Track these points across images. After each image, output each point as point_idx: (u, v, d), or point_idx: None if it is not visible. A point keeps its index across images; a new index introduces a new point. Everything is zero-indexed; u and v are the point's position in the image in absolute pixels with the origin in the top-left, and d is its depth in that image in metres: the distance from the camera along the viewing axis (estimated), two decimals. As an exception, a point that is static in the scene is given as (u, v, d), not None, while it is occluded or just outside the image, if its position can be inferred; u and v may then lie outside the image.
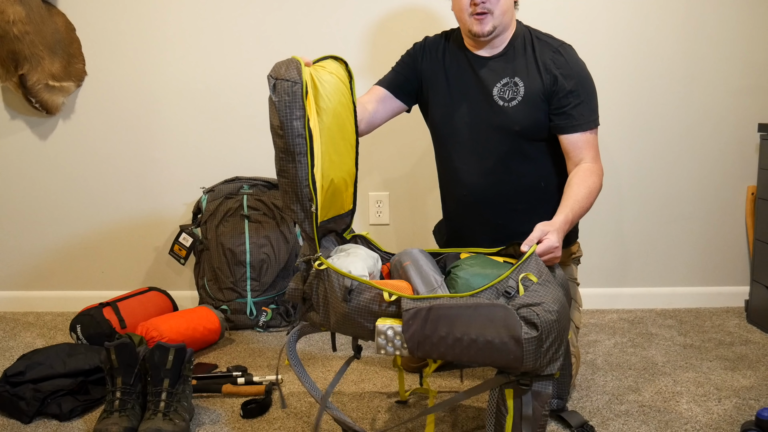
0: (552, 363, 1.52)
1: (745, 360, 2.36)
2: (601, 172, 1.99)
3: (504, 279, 1.57)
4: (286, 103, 1.62)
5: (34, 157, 2.92)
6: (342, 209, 1.87)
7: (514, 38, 2.06)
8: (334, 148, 1.78)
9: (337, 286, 1.64)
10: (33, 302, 2.99)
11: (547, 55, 2.01)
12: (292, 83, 1.62)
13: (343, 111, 1.82)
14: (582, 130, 2.00)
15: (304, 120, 1.62)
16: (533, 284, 1.56)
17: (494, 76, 2.04)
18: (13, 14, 2.59)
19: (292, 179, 1.66)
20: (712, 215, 2.92)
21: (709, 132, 2.86)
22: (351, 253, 1.79)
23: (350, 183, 1.88)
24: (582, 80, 2.02)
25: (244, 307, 2.73)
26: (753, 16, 2.79)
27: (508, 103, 2.02)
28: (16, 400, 1.95)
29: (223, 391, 2.10)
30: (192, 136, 2.90)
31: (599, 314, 2.86)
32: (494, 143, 2.05)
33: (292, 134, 1.63)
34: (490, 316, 1.49)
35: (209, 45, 2.84)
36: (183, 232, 2.77)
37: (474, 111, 2.06)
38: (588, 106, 2.02)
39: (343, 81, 1.84)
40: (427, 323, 1.53)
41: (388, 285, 1.64)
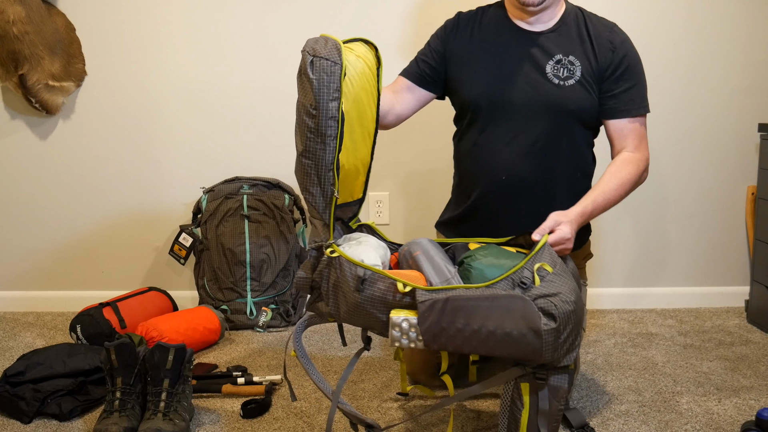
0: (568, 354, 1.50)
1: (745, 360, 2.36)
2: (643, 162, 1.93)
3: (519, 269, 1.54)
4: (324, 82, 1.56)
5: (34, 157, 2.92)
6: (351, 197, 1.81)
7: (566, 15, 1.98)
8: (350, 134, 1.71)
9: (349, 275, 1.58)
10: (33, 302, 2.99)
11: (604, 35, 1.96)
12: (332, 63, 1.56)
13: (365, 97, 1.74)
14: (631, 115, 1.94)
15: (339, 102, 1.57)
16: (549, 274, 1.53)
17: (546, 52, 1.95)
18: (13, 14, 2.59)
19: (317, 161, 1.60)
20: (712, 215, 2.92)
21: (709, 132, 2.86)
22: (362, 242, 1.74)
23: (363, 171, 1.82)
24: (635, 63, 1.96)
25: (244, 307, 2.73)
26: (753, 16, 2.79)
27: (563, 81, 1.94)
28: (16, 400, 1.95)
29: (223, 391, 2.10)
30: (192, 136, 2.90)
31: (599, 314, 2.86)
32: (544, 124, 1.96)
33: (326, 115, 1.57)
34: (508, 308, 1.46)
35: (209, 45, 2.84)
36: (183, 232, 2.77)
37: (524, 88, 1.96)
38: (639, 90, 1.96)
39: (370, 67, 1.76)
40: (443, 315, 1.49)
41: (400, 275, 1.59)
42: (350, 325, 1.65)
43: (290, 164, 2.87)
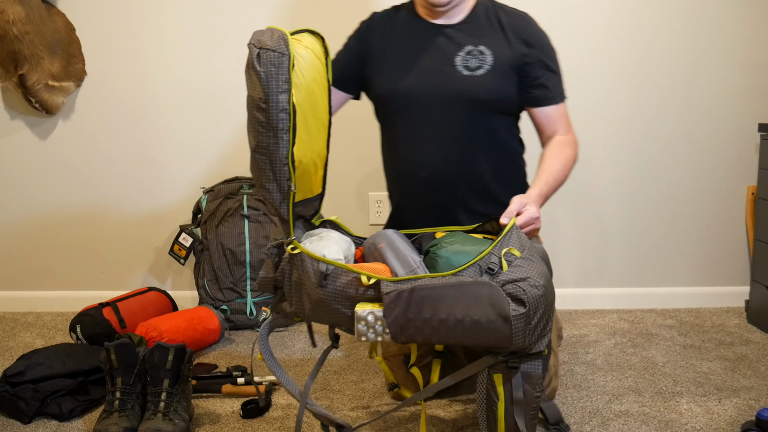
0: (540, 339, 1.48)
1: (746, 360, 2.36)
2: (576, 143, 1.99)
3: (486, 255, 1.51)
4: (272, 74, 1.52)
5: (34, 157, 2.92)
6: (311, 192, 1.75)
7: (476, 7, 1.99)
8: (305, 127, 1.66)
9: (311, 271, 1.54)
10: (33, 302, 2.99)
11: (517, 24, 1.97)
12: (279, 54, 1.52)
13: (317, 88, 1.70)
14: (556, 102, 1.99)
15: (289, 94, 1.53)
16: (517, 259, 1.50)
17: (455, 44, 1.96)
18: (13, 14, 2.59)
19: (271, 156, 1.56)
20: (712, 215, 2.91)
21: (709, 132, 2.86)
22: (324, 236, 1.69)
23: (320, 165, 1.77)
24: (551, 51, 2.00)
25: (243, 307, 2.73)
26: (753, 16, 2.79)
27: (473, 71, 1.93)
28: (16, 400, 1.95)
29: (223, 392, 2.10)
30: (192, 136, 2.90)
31: (599, 314, 2.86)
32: (456, 115, 1.95)
33: (276, 108, 1.53)
34: (476, 295, 1.43)
35: (209, 45, 2.84)
36: (183, 232, 2.77)
37: (433, 81, 1.95)
38: (559, 77, 2.01)
39: (319, 57, 1.71)
40: (410, 306, 1.46)
41: (365, 268, 1.56)
42: (317, 323, 1.62)
43: (290, 164, 2.87)
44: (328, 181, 1.81)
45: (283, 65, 1.52)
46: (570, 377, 2.22)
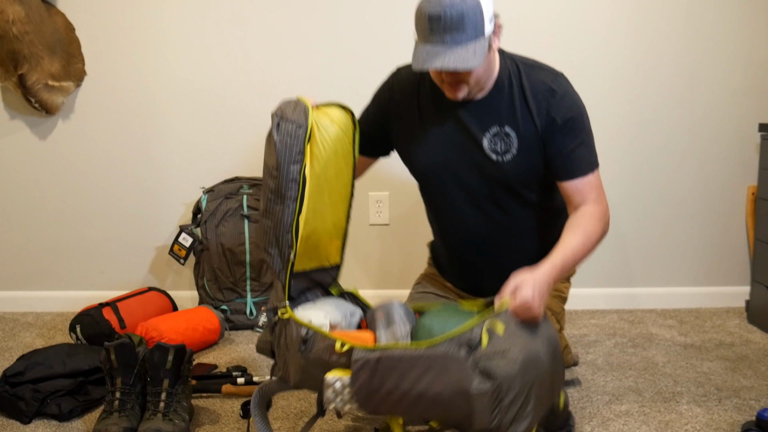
0: (517, 422, 1.38)
1: (746, 360, 2.35)
2: (604, 214, 1.80)
3: (468, 330, 1.44)
4: (287, 144, 1.58)
5: (33, 157, 2.92)
6: (327, 262, 1.79)
7: (500, 78, 1.81)
8: (321, 198, 1.71)
9: (294, 335, 1.55)
10: (33, 302, 2.99)
11: (540, 95, 1.79)
12: (297, 126, 1.58)
13: (338, 161, 1.73)
14: (582, 174, 1.80)
15: (301, 165, 1.59)
16: (498, 336, 1.43)
17: (481, 124, 1.82)
18: (13, 14, 2.59)
19: (276, 222, 1.60)
20: (713, 215, 2.91)
21: (709, 132, 2.86)
22: (318, 303, 1.72)
23: (336, 236, 1.79)
24: (579, 119, 1.80)
25: (243, 307, 2.73)
26: (753, 16, 2.78)
27: (501, 156, 1.81)
28: (16, 401, 1.95)
29: (223, 392, 2.10)
30: (192, 136, 2.89)
31: (599, 314, 2.86)
32: (491, 193, 1.87)
33: (287, 177, 1.58)
34: (441, 368, 1.38)
35: (209, 45, 2.84)
36: (183, 232, 2.77)
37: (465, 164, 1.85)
38: (587, 147, 1.82)
39: (345, 132, 1.74)
40: (375, 374, 1.42)
41: (349, 336, 1.56)
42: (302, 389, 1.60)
43: (290, 164, 2.86)
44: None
45: (299, 137, 1.58)
46: (569, 376, 2.22)
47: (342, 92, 2.85)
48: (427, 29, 1.64)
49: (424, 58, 1.65)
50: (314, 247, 1.73)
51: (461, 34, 1.63)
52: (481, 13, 1.64)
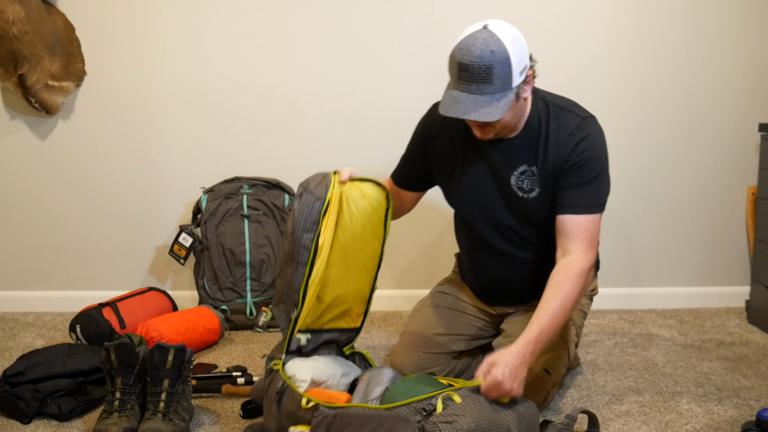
0: None
1: (746, 360, 2.35)
2: (588, 267, 1.79)
3: (427, 398, 1.53)
4: (304, 215, 1.74)
5: (33, 157, 2.92)
6: (346, 324, 1.95)
7: (531, 119, 1.86)
8: (345, 266, 1.86)
9: (274, 388, 1.69)
10: (33, 302, 2.99)
11: (562, 138, 1.83)
12: (316, 198, 1.74)
13: (365, 234, 1.87)
14: (576, 212, 1.81)
15: (315, 235, 1.74)
16: (454, 404, 1.51)
17: (510, 163, 1.88)
18: (13, 14, 2.58)
19: (286, 282, 1.77)
20: (713, 215, 2.91)
21: (709, 132, 2.86)
22: (311, 358, 1.83)
23: (358, 303, 1.94)
24: (592, 162, 1.83)
25: (243, 307, 2.73)
26: (753, 16, 2.79)
27: (527, 194, 1.88)
28: (16, 401, 1.95)
29: (223, 392, 2.10)
30: (192, 136, 2.89)
31: (599, 314, 2.86)
32: (515, 227, 1.94)
33: (300, 244, 1.74)
34: (388, 427, 1.47)
35: (209, 45, 2.84)
36: (183, 232, 2.77)
37: (494, 200, 1.93)
38: (592, 189, 1.83)
39: (375, 207, 1.88)
40: (329, 430, 1.51)
41: (321, 394, 1.67)
42: None
43: (290, 164, 2.87)
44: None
45: (315, 209, 1.74)
46: (570, 377, 2.22)
47: (342, 92, 2.86)
48: (456, 76, 1.71)
49: (450, 104, 1.72)
50: (336, 309, 1.90)
51: (488, 86, 1.68)
52: (510, 67, 1.68)
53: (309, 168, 2.82)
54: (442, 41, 2.77)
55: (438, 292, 2.20)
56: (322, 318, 1.89)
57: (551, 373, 1.94)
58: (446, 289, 2.21)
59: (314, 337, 1.89)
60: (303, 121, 2.87)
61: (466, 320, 2.13)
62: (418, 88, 2.79)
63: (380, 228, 1.90)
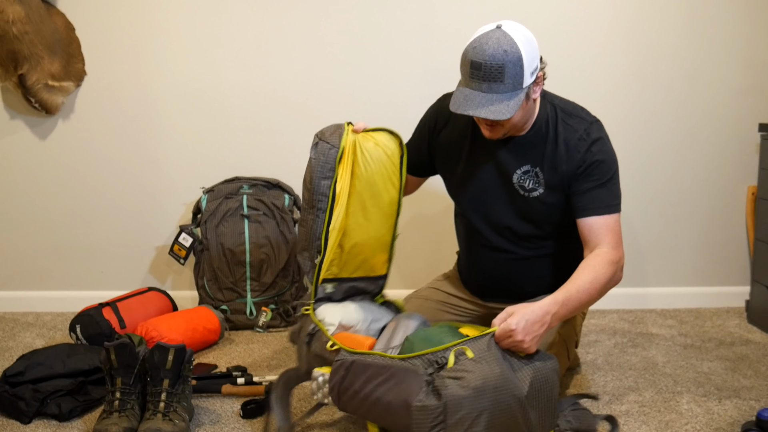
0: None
1: (746, 360, 2.36)
2: (618, 260, 1.81)
3: (441, 350, 1.54)
4: (320, 162, 1.80)
5: (33, 157, 2.92)
6: (372, 272, 1.98)
7: (538, 121, 1.89)
8: (363, 213, 1.90)
9: (306, 330, 1.75)
10: (33, 302, 2.99)
11: (571, 143, 1.86)
12: (330, 146, 1.81)
13: (380, 181, 1.91)
14: (599, 213, 1.84)
15: (331, 182, 1.80)
16: (466, 359, 1.52)
17: (514, 161, 1.91)
18: (13, 14, 2.59)
19: (308, 229, 1.82)
20: (713, 215, 2.91)
21: (709, 132, 2.86)
22: (342, 303, 1.88)
23: (380, 249, 1.97)
24: (605, 165, 1.86)
25: (243, 307, 2.73)
26: (753, 16, 2.79)
27: (528, 193, 1.91)
28: (16, 401, 1.95)
29: (223, 392, 2.10)
30: (192, 136, 2.89)
31: (599, 314, 2.86)
32: (519, 226, 1.96)
33: (318, 191, 1.80)
34: (399, 379, 1.50)
35: (209, 45, 2.84)
36: (183, 232, 2.77)
37: (495, 196, 1.96)
38: (607, 190, 1.86)
39: (389, 154, 1.92)
40: (347, 375, 1.56)
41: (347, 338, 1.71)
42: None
43: (290, 164, 2.87)
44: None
45: (330, 156, 1.80)
46: (570, 377, 2.22)
47: (342, 92, 2.86)
48: (468, 74, 1.74)
49: (461, 101, 1.75)
50: (358, 257, 1.93)
51: (499, 85, 1.71)
52: (522, 67, 1.71)
53: (309, 168, 2.84)
54: (442, 41, 2.78)
55: (431, 287, 2.23)
56: (347, 267, 1.93)
57: None
58: (440, 284, 2.23)
59: (340, 286, 1.93)
60: (303, 121, 2.86)
61: (452, 316, 2.15)
62: (418, 88, 2.79)
63: (396, 175, 1.94)
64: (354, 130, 1.86)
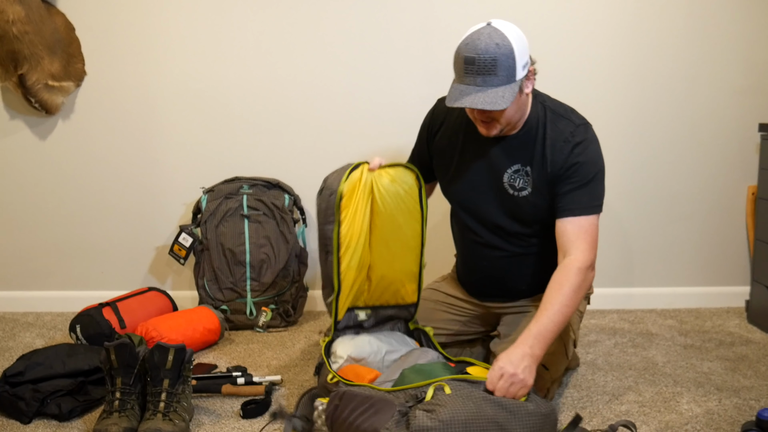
0: None
1: (746, 360, 2.35)
2: (590, 264, 1.83)
3: (423, 386, 1.64)
4: (322, 209, 1.88)
5: (33, 157, 2.92)
6: (402, 300, 2.07)
7: (529, 121, 1.92)
8: (386, 247, 1.98)
9: (318, 361, 1.89)
10: (32, 302, 2.99)
11: (558, 144, 1.88)
12: (330, 192, 1.86)
13: (401, 216, 1.97)
14: (574, 214, 1.85)
15: (334, 225, 1.87)
16: (442, 394, 1.60)
17: (505, 159, 1.94)
18: (13, 14, 2.59)
19: (323, 270, 1.94)
20: (713, 215, 2.91)
21: (709, 132, 2.86)
22: (358, 336, 1.97)
23: (408, 280, 2.04)
24: (586, 167, 1.87)
25: (243, 307, 2.73)
26: (753, 16, 2.78)
27: (518, 192, 1.93)
28: (16, 401, 1.95)
29: (223, 392, 2.10)
30: (192, 136, 2.89)
31: (599, 314, 2.86)
32: (508, 226, 1.99)
33: (323, 235, 1.89)
34: (377, 409, 1.59)
35: (209, 45, 2.84)
36: (183, 232, 2.77)
37: (487, 196, 1.99)
38: (588, 192, 1.87)
39: (407, 189, 1.97)
40: (338, 405, 1.64)
41: (353, 370, 1.81)
42: None
43: (290, 164, 2.87)
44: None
45: (331, 202, 1.87)
46: (570, 377, 2.22)
47: (342, 92, 2.86)
48: (462, 70, 1.78)
49: (457, 96, 1.78)
50: (388, 288, 2.03)
51: (493, 78, 1.75)
52: (514, 59, 1.76)
53: (309, 168, 2.85)
54: (442, 41, 2.78)
55: (430, 288, 2.26)
56: (378, 296, 2.04)
57: (549, 369, 1.94)
58: (439, 285, 2.27)
59: (374, 313, 2.05)
60: (303, 121, 2.87)
61: (449, 316, 2.18)
62: (418, 87, 2.79)
63: (416, 208, 1.99)
64: (369, 169, 1.92)
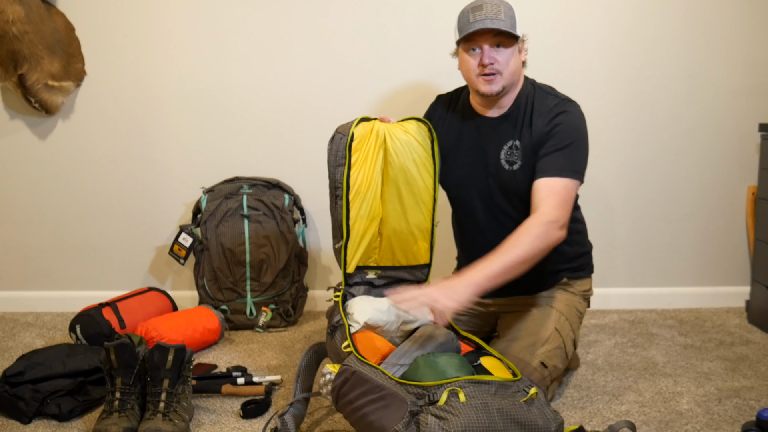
0: None
1: (746, 360, 2.35)
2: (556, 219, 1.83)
3: (438, 386, 1.55)
4: (333, 152, 1.90)
5: (33, 157, 2.92)
6: (415, 260, 2.04)
7: (519, 96, 2.02)
8: (399, 200, 1.98)
9: (332, 319, 1.83)
10: (32, 302, 2.99)
11: (543, 115, 1.97)
12: (342, 136, 1.90)
13: (414, 168, 1.99)
14: (549, 175, 1.88)
15: (344, 169, 1.87)
16: (457, 401, 1.51)
17: (500, 139, 2.02)
18: (13, 14, 2.59)
19: (333, 218, 1.93)
20: (713, 215, 2.91)
21: (709, 132, 2.86)
22: (374, 300, 1.91)
23: (420, 237, 2.02)
24: (565, 130, 1.93)
25: (243, 307, 2.73)
26: (753, 16, 2.79)
27: (512, 166, 2.00)
28: (16, 401, 1.95)
29: (223, 392, 2.10)
30: (192, 136, 2.89)
31: (599, 314, 2.86)
32: (507, 202, 2.04)
33: (334, 178, 1.89)
34: (387, 403, 1.54)
35: (209, 45, 2.84)
36: (183, 232, 2.77)
37: (486, 176, 2.04)
38: (565, 155, 1.90)
39: (420, 141, 2.00)
40: (346, 383, 1.62)
41: (368, 339, 1.75)
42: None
43: (290, 164, 2.87)
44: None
45: (341, 144, 1.89)
46: (570, 377, 2.22)
47: (342, 91, 2.86)
48: (469, 15, 1.91)
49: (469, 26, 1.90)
50: (399, 245, 2.00)
51: (500, 21, 1.89)
52: (515, 17, 1.93)
53: (309, 168, 2.85)
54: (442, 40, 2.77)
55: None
56: (387, 255, 2.01)
57: (548, 366, 1.94)
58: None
59: (384, 273, 2.02)
60: (303, 121, 2.87)
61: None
62: (418, 87, 2.79)
63: (429, 161, 2.01)
64: (381, 119, 1.96)
